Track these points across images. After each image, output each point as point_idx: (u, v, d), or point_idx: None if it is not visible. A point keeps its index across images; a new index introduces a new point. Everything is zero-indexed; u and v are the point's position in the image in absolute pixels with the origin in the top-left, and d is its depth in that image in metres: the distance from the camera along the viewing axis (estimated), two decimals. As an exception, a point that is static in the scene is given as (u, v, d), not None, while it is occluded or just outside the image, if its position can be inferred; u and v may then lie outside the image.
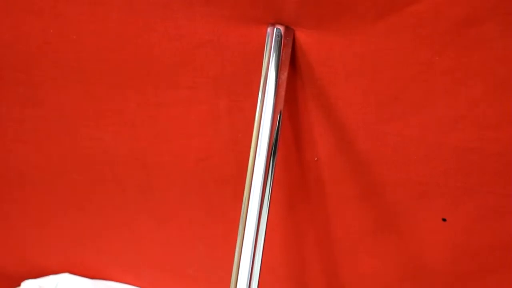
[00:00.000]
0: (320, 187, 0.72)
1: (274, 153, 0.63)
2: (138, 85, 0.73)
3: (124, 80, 0.73)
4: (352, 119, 0.66)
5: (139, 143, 0.79)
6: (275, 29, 0.62)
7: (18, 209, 0.96)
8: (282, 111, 0.63)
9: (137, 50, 0.70)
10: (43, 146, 0.86)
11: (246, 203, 0.61)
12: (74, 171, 0.87)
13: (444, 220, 0.68)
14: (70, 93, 0.77)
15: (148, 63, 0.71)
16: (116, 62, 0.72)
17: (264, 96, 0.62)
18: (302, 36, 0.63)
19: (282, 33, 0.62)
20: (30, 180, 0.91)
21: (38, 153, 0.87)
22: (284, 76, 0.64)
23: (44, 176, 0.89)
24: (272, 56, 0.62)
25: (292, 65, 0.65)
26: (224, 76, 0.68)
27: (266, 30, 0.63)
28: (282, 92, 0.63)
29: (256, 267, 0.60)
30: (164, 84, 0.72)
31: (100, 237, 0.94)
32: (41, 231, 0.97)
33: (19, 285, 0.99)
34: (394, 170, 0.68)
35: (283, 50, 0.63)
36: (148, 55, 0.70)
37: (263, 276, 0.61)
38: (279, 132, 0.63)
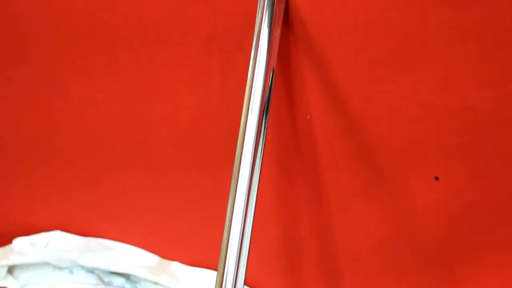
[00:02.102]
0: (312, 145, 0.72)
1: (266, 111, 0.63)
2: (129, 43, 0.72)
3: (115, 38, 0.72)
4: (345, 77, 0.66)
5: (130, 101, 0.79)
6: (268, -15, 0.62)
7: (8, 167, 0.95)
8: (275, 69, 0.62)
9: (127, 6, 0.69)
10: (33, 105, 0.85)
11: (238, 162, 0.61)
12: (65, 129, 0.86)
13: (436, 179, 0.68)
14: (59, 51, 0.76)
15: (138, 20, 0.70)
16: (106, 19, 0.71)
17: (256, 53, 0.61)
18: (296, -7, 0.62)
19: (276, -11, 0.61)
20: (20, 138, 0.90)
21: (28, 111, 0.86)
22: (277, 33, 0.63)
23: (35, 134, 0.89)
24: (265, 13, 0.61)
25: (286, 22, 0.64)
26: (216, 33, 0.67)
27: (260, -14, 0.62)
28: (275, 50, 0.63)
29: (247, 226, 0.60)
30: (155, 42, 0.71)
31: (91, 195, 0.94)
32: (32, 189, 0.97)
33: (10, 242, 0.99)
34: (387, 129, 0.67)
35: (276, 6, 0.62)
36: (138, 12, 0.69)
37: (255, 235, 0.61)
38: (271, 90, 0.63)
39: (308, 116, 0.70)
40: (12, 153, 0.93)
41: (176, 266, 0.95)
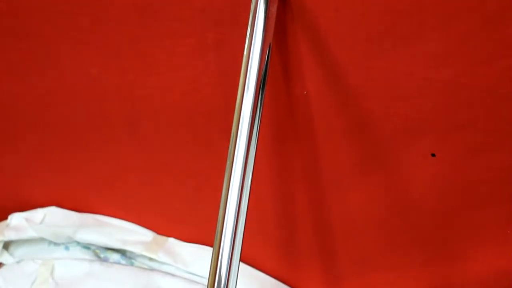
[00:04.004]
0: (308, 121, 0.72)
1: (262, 87, 0.63)
2: (124, 17, 0.71)
3: (109, 12, 0.72)
4: (341, 53, 0.65)
5: (126, 76, 0.78)
6: (265, -42, 0.61)
7: (4, 143, 0.95)
8: (271, 44, 0.62)
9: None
10: (28, 79, 0.84)
11: (234, 137, 0.61)
12: (60, 104, 0.86)
13: (433, 155, 0.67)
14: (55, 24, 0.76)
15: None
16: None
17: (253, 28, 0.60)
18: (293, -33, 0.62)
19: (272, -37, 0.61)
20: (14, 113, 0.90)
21: (23, 85, 0.86)
22: (274, 8, 0.62)
23: (30, 109, 0.88)
24: (262, -13, 0.61)
25: (282, -3, 0.64)
26: (212, 7, 0.67)
27: (256, -41, 0.61)
28: (272, 25, 0.62)
29: (243, 202, 0.60)
30: (150, 16, 0.70)
31: (87, 170, 0.94)
32: (27, 165, 0.97)
33: (6, 218, 0.99)
34: (383, 105, 0.67)
35: (273, -19, 0.61)
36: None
37: (251, 211, 0.61)
38: (268, 66, 0.62)
39: (305, 92, 0.69)
40: (6, 129, 0.93)
41: (171, 242, 0.95)
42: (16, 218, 0.99)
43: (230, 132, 0.60)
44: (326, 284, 0.87)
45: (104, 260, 0.96)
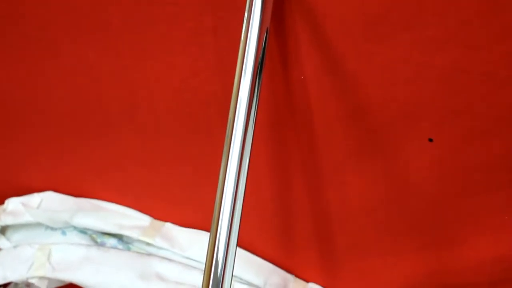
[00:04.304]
0: (306, 106, 0.72)
1: (260, 72, 0.63)
2: (121, 2, 0.71)
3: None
4: (339, 38, 0.65)
5: (123, 61, 0.78)
6: None
7: (0, 128, 0.95)
8: (269, 29, 0.62)
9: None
10: (25, 65, 0.84)
11: (231, 122, 0.61)
12: (57, 89, 0.86)
13: (430, 140, 0.67)
14: (50, 10, 0.75)
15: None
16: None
17: (250, 13, 0.60)
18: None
19: None
20: (11, 98, 0.90)
21: (19, 72, 0.86)
22: (272, -8, 0.62)
23: (26, 94, 0.88)
24: (260, -29, 0.61)
25: (280, -19, 0.64)
26: (210, -9, 0.67)
27: None
28: (269, 9, 0.62)
29: (240, 187, 0.60)
30: (147, 0, 0.70)
31: (84, 155, 0.93)
32: (24, 149, 0.97)
33: (2, 203, 0.99)
34: (381, 90, 0.67)
35: (270, -36, 0.61)
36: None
37: (247, 197, 0.61)
38: (265, 50, 0.62)
39: (302, 77, 0.69)
40: (2, 113, 0.93)
41: (169, 227, 0.95)
42: (12, 203, 0.99)
43: (228, 117, 0.60)
44: (323, 269, 0.87)
45: (101, 244, 0.97)
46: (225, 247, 0.59)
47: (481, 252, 0.74)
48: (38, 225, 0.99)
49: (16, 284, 1.08)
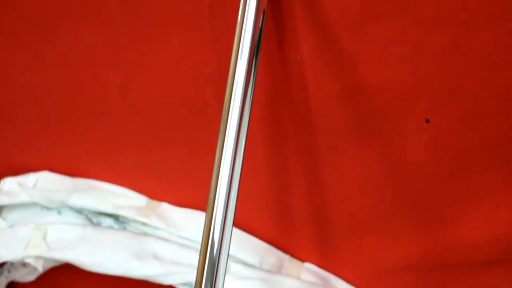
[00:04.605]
0: (302, 87, 0.72)
1: (256, 53, 0.62)
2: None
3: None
4: (336, 18, 0.65)
5: (119, 41, 0.78)
6: None
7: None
8: (265, 10, 0.62)
9: None
10: (21, 46, 0.84)
11: (228, 103, 0.61)
12: (53, 70, 0.85)
13: (427, 121, 0.67)
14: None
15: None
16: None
17: (247, -7, 0.60)
18: None
19: None
20: (8, 80, 0.89)
21: (16, 53, 0.85)
22: (268, -27, 0.62)
23: (23, 75, 0.88)
24: (256, -48, 0.60)
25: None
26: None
27: None
28: (266, -10, 0.62)
29: (237, 167, 0.60)
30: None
31: (79, 135, 0.93)
32: (21, 130, 0.97)
33: (-2, 183, 0.99)
34: (378, 71, 0.67)
35: None
36: None
37: (244, 177, 0.61)
38: (262, 31, 0.62)
39: (299, 58, 0.69)
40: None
41: (164, 207, 0.95)
42: (8, 183, 0.99)
43: (224, 98, 0.60)
44: (319, 249, 0.88)
45: (97, 224, 0.97)
46: (221, 227, 0.59)
47: (476, 232, 0.74)
48: (33, 204, 0.98)
49: (12, 263, 1.08)
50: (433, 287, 0.82)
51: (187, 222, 0.93)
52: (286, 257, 0.91)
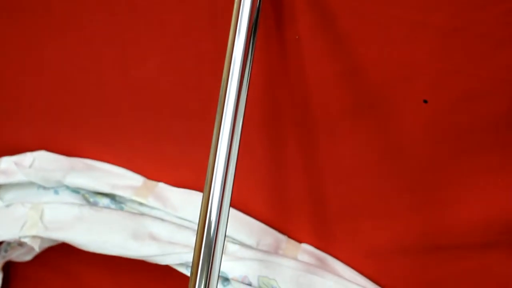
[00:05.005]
0: (300, 66, 0.71)
1: (254, 31, 0.62)
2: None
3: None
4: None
5: (116, 18, 0.77)
6: None
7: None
8: (263, -12, 0.61)
9: None
10: (18, 20, 0.83)
11: (225, 81, 0.60)
12: (49, 47, 0.85)
13: (425, 101, 0.67)
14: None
15: None
16: None
17: (245, -29, 0.60)
18: None
19: None
20: (3, 56, 0.89)
21: (11, 28, 0.85)
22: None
23: (19, 50, 0.88)
24: None
25: None
26: None
27: None
28: (264, -33, 0.61)
29: (234, 147, 0.60)
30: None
31: (76, 114, 0.93)
32: (17, 109, 0.96)
33: (-6, 162, 0.98)
34: (376, 50, 0.67)
35: None
36: None
37: (241, 157, 0.61)
38: (259, 10, 0.62)
39: (297, 37, 0.68)
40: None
41: (161, 187, 0.95)
42: (5, 162, 0.98)
43: (221, 77, 0.60)
44: (315, 230, 0.88)
45: (94, 204, 0.96)
46: (218, 207, 0.59)
47: (473, 214, 0.74)
48: (30, 184, 0.98)
49: (8, 243, 1.08)
50: (430, 268, 0.82)
51: (184, 203, 0.92)
52: (283, 237, 0.91)
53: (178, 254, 0.85)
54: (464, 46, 0.61)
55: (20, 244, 1.08)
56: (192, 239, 0.86)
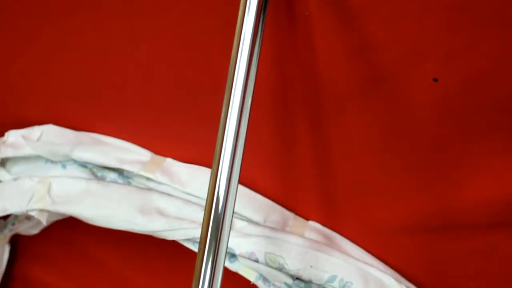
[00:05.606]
0: (310, 43, 0.71)
1: (264, 7, 0.62)
2: None
3: None
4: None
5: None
6: None
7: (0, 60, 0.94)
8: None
9: None
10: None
11: (234, 57, 0.60)
12: (55, 21, 0.85)
13: (435, 80, 0.67)
14: None
15: None
16: None
17: None
18: None
19: None
20: (10, 27, 0.88)
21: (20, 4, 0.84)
22: None
23: (25, 21, 0.87)
24: None
25: None
26: None
27: None
28: None
29: (243, 123, 0.60)
30: None
31: (84, 88, 0.93)
32: (25, 82, 0.96)
33: (2, 135, 0.98)
34: (386, 28, 0.66)
35: None
36: None
37: (249, 134, 0.61)
38: (270, -15, 0.61)
39: (307, 13, 0.68)
40: (2, 45, 0.92)
41: (169, 162, 0.95)
42: (13, 135, 0.98)
43: (231, 52, 0.60)
44: (323, 208, 0.88)
45: (101, 178, 0.97)
46: (226, 183, 0.59)
47: (480, 194, 0.74)
48: (38, 158, 0.98)
49: (16, 216, 1.08)
50: (436, 247, 0.82)
51: (192, 178, 0.92)
52: (290, 215, 0.91)
53: (185, 229, 0.86)
54: (474, 24, 0.61)
55: (28, 217, 1.09)
56: (199, 214, 0.86)
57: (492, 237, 0.77)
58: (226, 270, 0.60)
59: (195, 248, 0.87)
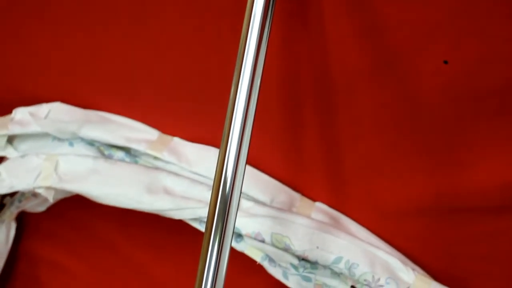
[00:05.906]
0: (319, 23, 0.70)
1: (275, -13, 0.61)
2: None
3: None
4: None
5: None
6: None
7: (9, 37, 0.94)
8: None
9: None
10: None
11: (244, 37, 0.60)
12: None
13: (445, 62, 0.66)
14: None
15: None
16: None
17: None
18: None
19: None
20: (19, 6, 0.88)
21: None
22: None
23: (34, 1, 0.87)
24: None
25: None
26: None
27: None
28: None
29: (252, 104, 0.60)
30: None
31: (92, 67, 0.93)
32: (33, 59, 0.96)
33: (10, 112, 0.98)
34: (397, 8, 0.66)
35: None
36: None
37: (258, 114, 0.60)
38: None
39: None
40: (9, 22, 0.91)
41: (176, 141, 0.95)
42: (20, 113, 0.98)
43: (240, 32, 0.59)
44: (330, 189, 0.88)
45: (108, 157, 0.97)
46: (234, 163, 0.59)
47: (490, 177, 0.73)
48: (45, 135, 0.98)
49: (22, 193, 1.09)
50: (444, 230, 0.82)
51: (199, 158, 0.92)
52: (297, 195, 0.91)
53: (192, 208, 0.86)
54: (485, 6, 0.60)
55: (34, 194, 1.09)
56: (206, 194, 0.86)
57: (502, 220, 0.77)
58: (232, 250, 0.59)
59: (201, 227, 0.87)
